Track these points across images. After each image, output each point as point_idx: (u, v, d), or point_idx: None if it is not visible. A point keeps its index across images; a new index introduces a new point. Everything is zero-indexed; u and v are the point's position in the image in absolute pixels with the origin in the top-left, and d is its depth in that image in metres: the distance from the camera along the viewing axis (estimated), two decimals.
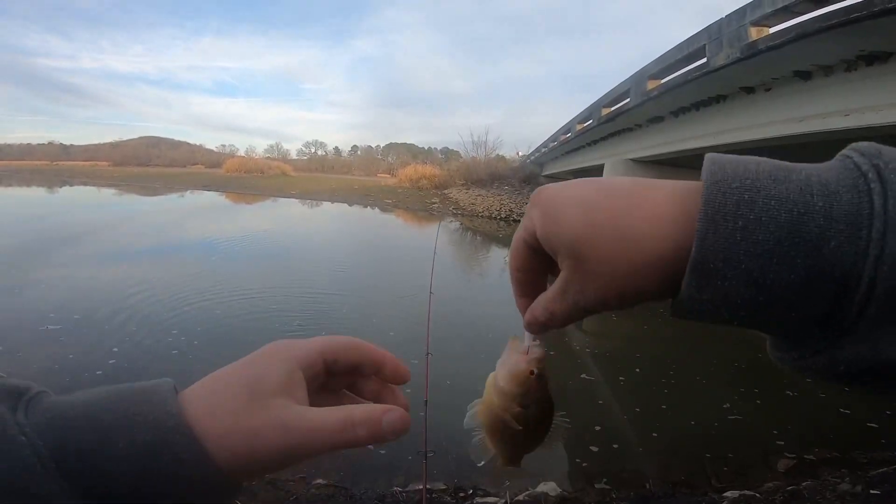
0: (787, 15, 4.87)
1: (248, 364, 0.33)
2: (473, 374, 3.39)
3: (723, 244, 0.28)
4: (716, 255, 0.28)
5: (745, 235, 0.27)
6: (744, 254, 0.27)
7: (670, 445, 3.90)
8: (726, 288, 0.28)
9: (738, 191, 0.28)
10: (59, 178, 37.54)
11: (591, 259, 0.32)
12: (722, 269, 0.28)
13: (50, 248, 9.89)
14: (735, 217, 0.28)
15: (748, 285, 0.28)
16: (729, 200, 0.28)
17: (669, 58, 8.02)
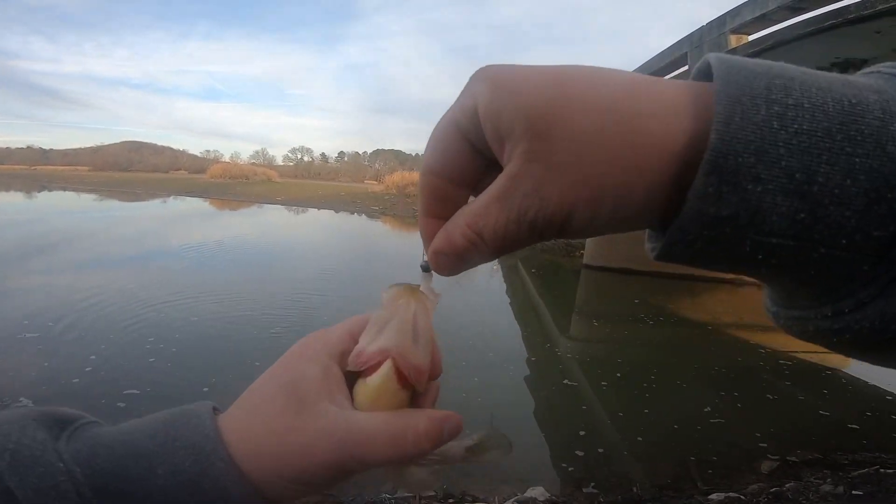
0: (766, 23, 4.99)
1: (283, 370, 0.31)
2: (460, 381, 3.39)
3: (754, 131, 0.19)
4: (746, 144, 0.19)
5: (783, 123, 0.19)
6: (783, 147, 0.19)
7: (655, 449, 3.93)
8: (758, 195, 0.20)
9: (765, 75, 0.20)
10: (37, 184, 36.69)
11: (558, 138, 0.21)
12: (754, 165, 0.19)
13: (26, 255, 9.64)
14: (767, 101, 0.20)
15: (788, 193, 0.19)
16: (756, 83, 0.20)
17: (653, 65, 8.17)
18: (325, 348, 0.31)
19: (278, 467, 0.28)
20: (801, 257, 0.21)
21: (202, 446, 0.28)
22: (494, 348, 6.03)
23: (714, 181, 0.20)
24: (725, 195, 0.20)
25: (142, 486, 0.27)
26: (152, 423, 0.29)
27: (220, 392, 4.20)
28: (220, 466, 0.27)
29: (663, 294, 8.58)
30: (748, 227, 0.20)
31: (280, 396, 0.29)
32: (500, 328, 7.15)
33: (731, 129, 0.19)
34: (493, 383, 4.99)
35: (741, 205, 0.20)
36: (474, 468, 3.46)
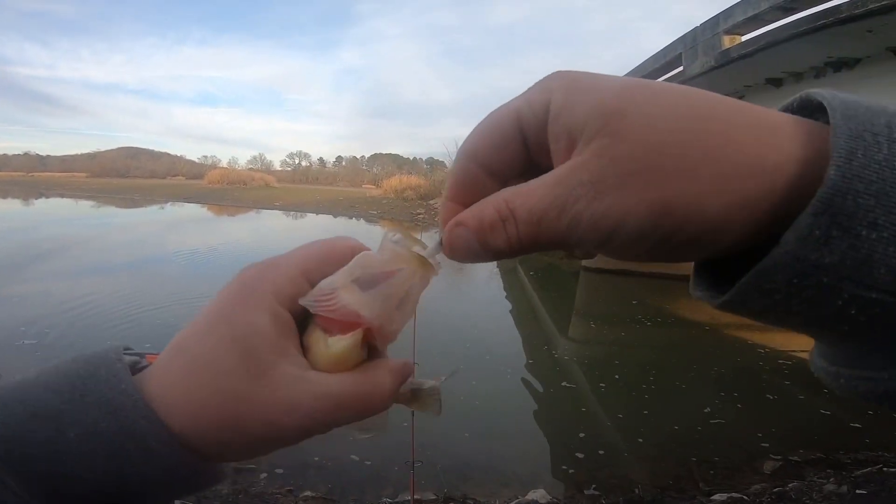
0: (759, 23, 5.02)
1: (226, 319, 0.25)
2: (459, 384, 3.38)
3: (877, 171, 0.17)
4: (867, 184, 0.17)
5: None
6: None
7: (656, 450, 3.92)
8: (871, 243, 0.17)
9: (885, 114, 0.18)
10: (35, 190, 36.62)
11: (634, 139, 0.19)
12: (873, 208, 0.17)
13: (24, 262, 9.61)
14: (890, 140, 0.18)
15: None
16: (877, 120, 0.18)
17: (647, 66, 8.21)
18: (273, 290, 0.25)
19: (228, 437, 0.25)
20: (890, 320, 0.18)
21: (120, 403, 0.24)
22: (493, 351, 6.03)
23: (824, 223, 0.17)
24: (834, 240, 0.17)
25: (51, 450, 0.23)
26: (54, 377, 0.25)
27: None
28: (144, 425, 0.24)
29: (662, 295, 8.58)
30: (849, 279, 0.18)
31: (228, 355, 0.24)
32: (499, 331, 7.15)
33: (854, 165, 0.17)
34: (492, 386, 4.98)
35: (849, 252, 0.17)
36: (474, 470, 3.46)
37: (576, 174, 0.20)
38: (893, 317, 0.18)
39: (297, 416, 0.24)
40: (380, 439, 3.69)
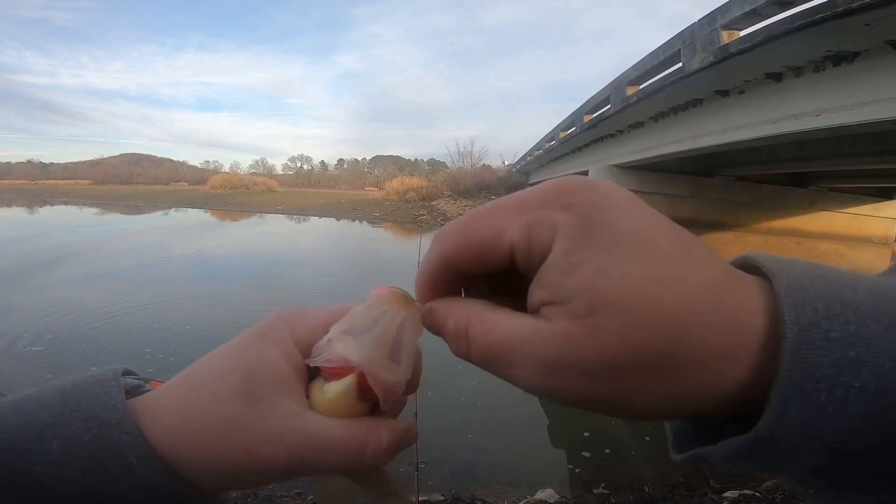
0: (756, 18, 5.01)
1: (241, 349, 0.26)
2: (461, 383, 3.38)
3: (805, 420, 0.19)
4: (792, 432, 0.20)
5: (839, 409, 0.19)
6: (832, 430, 0.19)
7: (665, 448, 3.87)
8: (788, 463, 0.21)
9: (840, 344, 0.19)
10: (39, 198, 36.79)
11: (605, 340, 0.20)
12: (794, 446, 0.20)
13: (32, 269, 9.67)
14: (832, 385, 0.19)
15: (818, 455, 0.20)
16: (825, 360, 0.19)
17: (646, 63, 8.18)
18: (293, 334, 0.27)
19: (212, 459, 0.25)
20: (800, 473, 0.22)
21: (106, 418, 0.24)
22: None
23: (751, 451, 0.21)
24: (757, 458, 0.21)
25: (32, 461, 0.23)
26: (49, 392, 0.25)
27: None
28: (125, 440, 0.24)
29: None
30: (770, 472, 0.22)
31: (231, 378, 0.25)
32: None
33: (785, 419, 0.19)
34: (496, 384, 4.98)
35: (770, 466, 0.21)
36: (481, 470, 3.46)
37: (542, 345, 0.21)
38: (815, 477, 0.22)
39: (278, 448, 0.24)
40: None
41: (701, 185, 11.54)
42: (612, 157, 12.23)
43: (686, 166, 10.67)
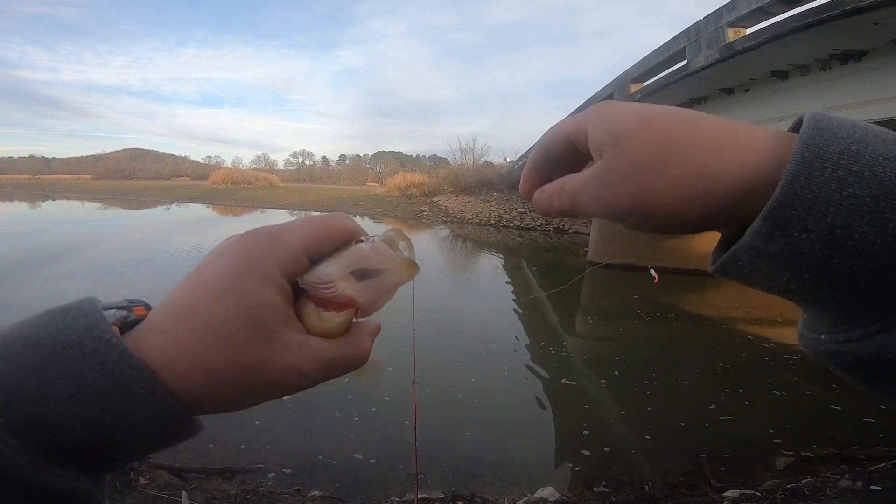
0: (763, 16, 4.97)
1: (235, 292, 0.26)
2: (461, 379, 3.35)
3: (814, 191, 0.24)
4: (803, 201, 0.24)
5: (840, 187, 0.24)
6: (834, 207, 0.24)
7: (664, 447, 3.91)
8: (801, 241, 0.24)
9: (844, 140, 0.24)
10: (41, 193, 36.87)
11: (630, 152, 0.28)
12: (804, 218, 0.24)
13: (31, 265, 9.69)
14: (835, 166, 0.24)
15: (826, 244, 0.24)
16: (832, 148, 0.24)
17: (651, 60, 8.14)
18: (278, 264, 0.27)
19: (236, 398, 0.27)
20: (826, 293, 0.26)
21: (105, 353, 0.24)
22: (498, 347, 6.03)
23: (769, 225, 0.25)
24: (774, 237, 0.25)
25: (40, 404, 0.23)
26: (30, 330, 0.25)
27: None
28: (132, 374, 0.24)
29: (666, 290, 8.56)
30: (787, 265, 0.26)
31: (240, 327, 0.26)
32: (504, 327, 7.15)
33: (794, 187, 0.24)
34: (498, 383, 4.98)
35: (787, 246, 0.25)
36: (482, 468, 3.46)
37: (594, 173, 0.30)
38: (829, 295, 0.26)
39: (298, 377, 0.28)
40: (387, 438, 3.72)
41: None
42: None
43: None
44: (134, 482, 2.95)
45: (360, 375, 0.34)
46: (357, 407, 4.17)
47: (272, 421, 3.86)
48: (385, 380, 4.60)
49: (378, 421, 3.99)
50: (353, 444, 3.62)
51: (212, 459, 3.35)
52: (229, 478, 3.20)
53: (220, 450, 3.45)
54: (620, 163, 0.28)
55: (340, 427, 3.88)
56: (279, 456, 3.45)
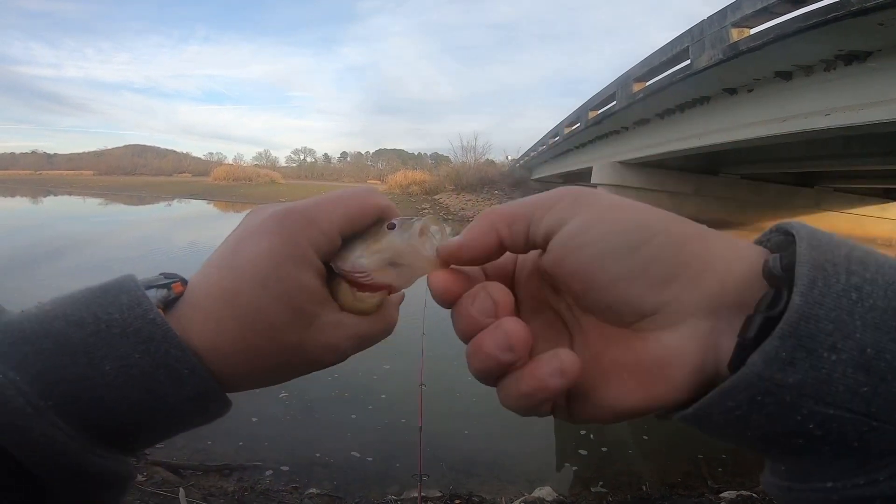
0: (767, 16, 4.95)
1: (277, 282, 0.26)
2: (457, 383, 3.33)
3: (835, 300, 0.19)
4: (827, 311, 0.19)
5: (860, 296, 0.19)
6: (859, 319, 0.19)
7: (662, 448, 3.91)
8: (831, 365, 0.19)
9: (845, 245, 0.21)
10: (43, 188, 36.90)
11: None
12: (832, 333, 0.19)
13: (31, 261, 9.70)
14: (848, 272, 0.20)
15: (857, 366, 0.19)
16: (838, 252, 0.21)
17: (654, 60, 8.12)
18: (315, 247, 0.28)
19: (276, 378, 0.29)
20: (851, 429, 0.20)
21: (149, 333, 0.24)
22: None
23: (790, 346, 0.19)
24: (798, 361, 0.19)
25: (88, 385, 0.23)
26: (73, 308, 0.25)
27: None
28: (176, 355, 0.25)
29: None
30: (809, 396, 0.20)
31: (283, 312, 0.27)
32: None
33: (815, 293, 0.19)
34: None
35: (811, 372, 0.20)
36: (479, 467, 3.46)
37: None
38: (854, 430, 0.20)
39: (334, 353, 0.29)
40: (384, 437, 3.72)
41: (705, 182, 11.48)
42: (617, 153, 12.16)
43: (691, 164, 10.61)
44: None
45: None
46: (354, 405, 4.17)
47: (270, 418, 3.86)
48: (382, 378, 4.60)
49: (376, 419, 3.99)
50: (350, 443, 3.62)
51: (209, 456, 3.34)
52: (227, 475, 3.20)
53: (218, 447, 3.45)
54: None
55: (337, 425, 3.88)
56: (277, 453, 3.45)
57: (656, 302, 0.24)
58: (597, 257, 0.25)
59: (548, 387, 0.24)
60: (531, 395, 0.25)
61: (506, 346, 0.25)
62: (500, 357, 0.25)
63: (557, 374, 0.24)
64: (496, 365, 0.26)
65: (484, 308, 0.27)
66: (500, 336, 0.25)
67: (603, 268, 0.25)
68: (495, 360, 0.25)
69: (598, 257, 0.25)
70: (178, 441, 3.46)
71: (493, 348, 0.25)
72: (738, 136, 6.74)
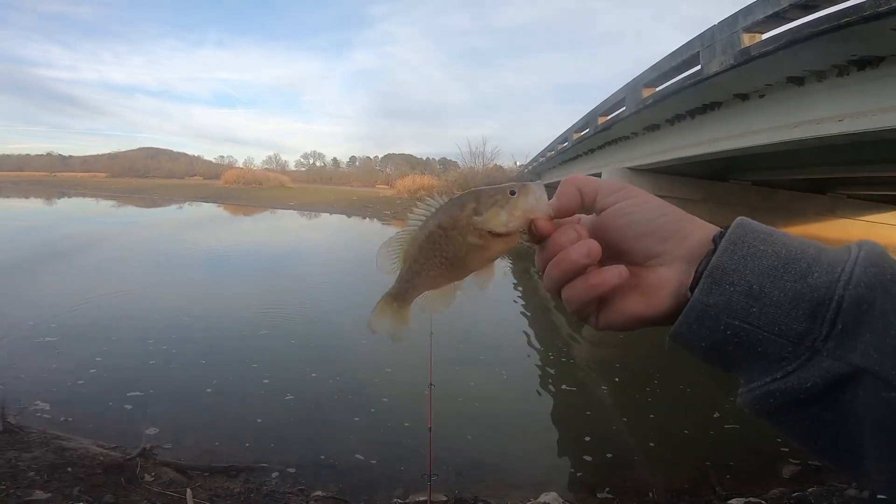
0: (779, 21, 4.91)
1: None
2: (464, 389, 3.31)
3: (738, 259, 0.37)
4: (730, 264, 0.37)
5: (754, 257, 0.36)
6: (749, 270, 0.36)
7: (668, 454, 3.86)
8: (730, 293, 0.36)
9: (758, 232, 0.38)
10: (57, 190, 37.48)
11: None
12: (731, 275, 0.36)
13: (44, 260, 9.84)
14: (751, 245, 0.37)
15: (747, 296, 0.36)
16: (748, 236, 0.38)
17: (664, 65, 8.07)
18: None
19: None
20: (751, 337, 0.36)
21: None
22: (505, 353, 6.00)
23: (709, 281, 0.37)
24: (713, 291, 0.37)
25: None
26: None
27: (223, 392, 4.24)
28: None
29: None
30: (722, 312, 0.36)
31: None
32: (509, 331, 7.11)
33: (724, 255, 0.37)
34: (504, 388, 4.95)
35: (721, 297, 0.36)
36: (485, 472, 3.44)
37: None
38: (753, 338, 0.36)
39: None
40: (388, 440, 3.71)
41: (716, 189, 11.37)
42: (627, 159, 12.09)
43: (701, 170, 10.51)
44: (139, 479, 2.97)
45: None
46: (357, 408, 4.17)
47: (275, 419, 3.87)
48: (386, 382, 4.60)
49: (378, 422, 3.99)
50: (354, 445, 3.62)
51: (217, 457, 3.36)
52: (233, 476, 3.21)
53: (225, 448, 3.47)
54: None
55: (342, 427, 3.88)
56: (283, 455, 3.46)
57: (659, 250, 0.42)
58: (633, 222, 0.43)
59: (607, 282, 0.40)
60: (593, 287, 0.41)
61: (587, 253, 0.41)
62: (581, 261, 0.41)
63: (616, 275, 0.41)
64: (576, 267, 0.41)
65: (571, 237, 0.43)
66: (583, 247, 0.41)
67: (634, 228, 0.42)
68: (577, 264, 0.41)
69: (634, 222, 0.43)
70: (185, 441, 3.49)
71: (577, 255, 0.41)
72: (750, 143, 6.67)
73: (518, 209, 0.45)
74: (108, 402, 4.00)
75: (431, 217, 0.48)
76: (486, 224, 0.45)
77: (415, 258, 0.48)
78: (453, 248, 0.47)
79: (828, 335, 0.33)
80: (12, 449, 3.13)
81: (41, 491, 2.73)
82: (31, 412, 3.75)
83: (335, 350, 5.59)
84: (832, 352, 0.33)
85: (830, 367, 0.33)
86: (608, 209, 0.44)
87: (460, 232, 0.46)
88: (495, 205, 0.46)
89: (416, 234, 0.49)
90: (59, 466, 2.97)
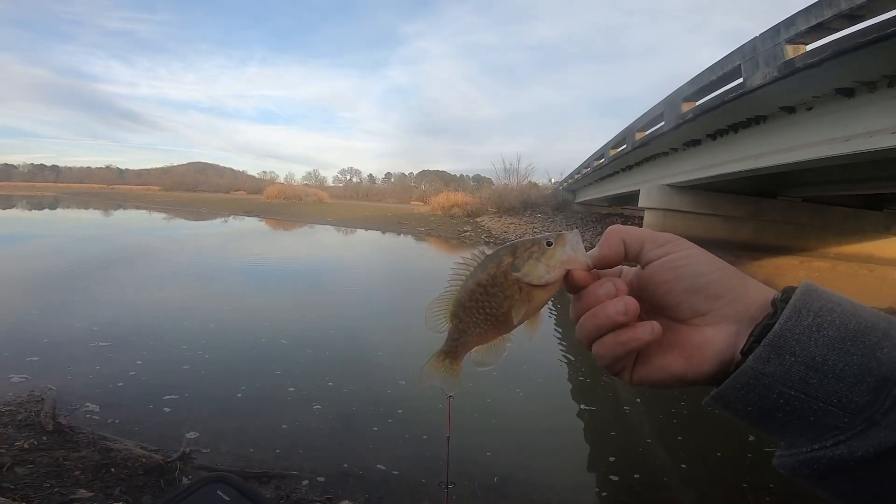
0: (823, 32, 4.75)
1: None
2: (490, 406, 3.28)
3: (802, 329, 0.35)
4: (793, 334, 0.35)
5: (820, 328, 0.35)
6: (814, 342, 0.35)
7: (702, 475, 3.69)
8: (790, 364, 0.35)
9: (826, 300, 0.36)
10: (114, 202, 40.05)
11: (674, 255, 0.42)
12: (793, 346, 0.35)
13: (100, 267, 10.45)
14: (817, 315, 0.35)
15: (808, 367, 0.35)
16: (814, 304, 0.36)
17: (703, 79, 7.90)
18: None
19: None
20: (804, 406, 0.35)
21: None
22: (525, 366, 5.90)
23: (767, 350, 0.36)
24: (771, 360, 0.35)
25: None
26: None
27: (252, 399, 4.36)
28: None
29: None
30: (779, 382, 0.35)
31: None
32: (533, 347, 7.00)
33: (787, 325, 0.35)
34: (526, 405, 4.86)
35: (779, 367, 0.35)
36: (511, 487, 3.38)
37: None
38: (807, 408, 0.35)
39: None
40: (409, 450, 3.70)
41: (762, 206, 10.91)
42: (666, 176, 11.80)
43: (746, 186, 10.12)
44: (177, 481, 3.08)
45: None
46: (375, 418, 4.20)
47: (304, 428, 3.94)
48: (399, 394, 4.63)
49: (398, 433, 3.99)
50: (376, 456, 3.63)
51: (251, 463, 3.44)
52: (265, 482, 3.28)
53: (259, 454, 3.55)
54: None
55: (369, 438, 3.91)
56: (313, 463, 3.51)
57: (708, 308, 0.40)
58: (682, 276, 0.41)
59: (640, 338, 0.39)
60: (624, 343, 0.40)
61: (624, 311, 0.40)
62: (618, 318, 0.40)
63: (649, 331, 0.39)
64: (611, 323, 0.40)
65: (608, 291, 0.42)
66: (620, 304, 0.40)
67: (683, 283, 0.41)
68: (612, 320, 0.40)
69: (683, 277, 0.41)
70: (222, 447, 3.60)
71: (614, 311, 0.40)
72: (799, 157, 6.41)
73: (555, 260, 0.45)
74: (148, 404, 4.18)
75: (471, 275, 0.48)
76: (525, 278, 0.46)
77: (460, 317, 0.49)
78: (496, 305, 0.47)
79: (890, 408, 0.33)
80: (61, 448, 3.31)
81: (85, 490, 2.87)
82: (81, 413, 3.95)
83: (357, 360, 5.67)
84: (892, 424, 0.33)
85: (887, 437, 0.33)
86: (655, 261, 0.42)
87: (500, 289, 0.47)
88: (532, 258, 0.46)
89: (459, 293, 0.49)
90: (103, 466, 3.12)
